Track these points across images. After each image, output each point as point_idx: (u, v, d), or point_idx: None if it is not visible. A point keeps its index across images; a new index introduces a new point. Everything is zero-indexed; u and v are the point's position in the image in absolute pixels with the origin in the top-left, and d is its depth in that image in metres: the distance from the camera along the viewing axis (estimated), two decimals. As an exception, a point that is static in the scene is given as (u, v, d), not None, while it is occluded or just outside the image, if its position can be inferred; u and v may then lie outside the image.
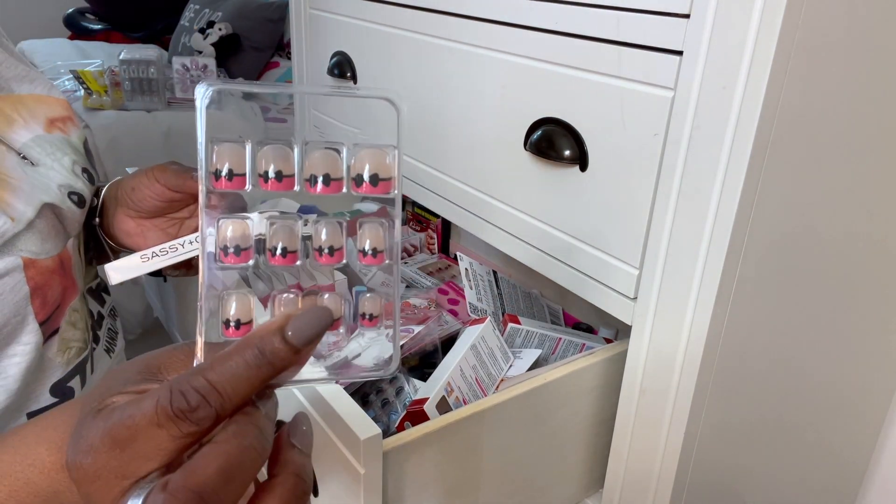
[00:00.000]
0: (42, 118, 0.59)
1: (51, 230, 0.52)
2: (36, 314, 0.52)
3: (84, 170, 0.59)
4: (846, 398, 0.72)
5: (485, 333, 0.65)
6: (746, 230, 0.49)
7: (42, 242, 0.51)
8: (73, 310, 0.57)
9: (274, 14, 2.08)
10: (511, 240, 0.68)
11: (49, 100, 0.61)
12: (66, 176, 0.56)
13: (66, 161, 0.58)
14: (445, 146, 0.75)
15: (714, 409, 0.57)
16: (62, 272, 0.54)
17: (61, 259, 0.53)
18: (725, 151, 0.47)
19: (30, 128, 0.57)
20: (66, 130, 0.61)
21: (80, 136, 0.62)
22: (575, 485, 0.67)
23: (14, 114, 0.57)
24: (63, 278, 0.54)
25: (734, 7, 0.44)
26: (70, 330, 0.57)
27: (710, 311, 0.51)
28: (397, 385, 0.67)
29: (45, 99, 0.61)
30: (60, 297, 0.54)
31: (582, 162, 0.58)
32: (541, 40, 0.59)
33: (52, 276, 0.53)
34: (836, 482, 0.81)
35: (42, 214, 0.51)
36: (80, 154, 0.61)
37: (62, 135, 0.60)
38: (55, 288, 0.53)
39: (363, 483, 0.45)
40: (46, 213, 0.52)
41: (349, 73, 0.88)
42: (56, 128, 0.60)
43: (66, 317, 0.56)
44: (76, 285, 0.56)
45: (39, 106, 0.60)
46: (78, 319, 0.58)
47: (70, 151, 0.59)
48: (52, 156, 0.57)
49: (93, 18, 2.63)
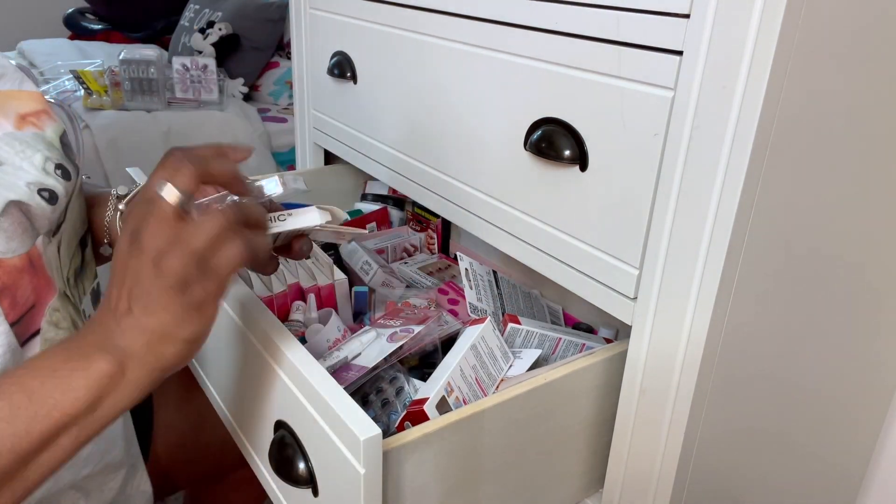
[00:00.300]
0: (12, 115, 0.58)
1: (17, 228, 0.51)
2: (6, 314, 0.51)
3: (58, 166, 0.58)
4: (845, 398, 0.72)
5: (485, 333, 0.65)
6: (746, 230, 0.49)
7: (7, 241, 0.51)
8: (53, 309, 0.56)
9: (274, 14, 2.08)
10: (511, 240, 0.68)
11: (20, 94, 0.60)
12: (35, 174, 0.55)
13: (38, 158, 0.56)
14: (445, 146, 0.75)
15: (714, 410, 0.57)
16: (32, 271, 0.53)
17: (30, 258, 0.53)
18: (725, 151, 0.47)
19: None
20: (39, 125, 0.60)
21: (57, 129, 0.61)
22: (575, 485, 0.67)
23: None
24: (34, 277, 0.53)
25: (734, 7, 0.44)
26: (52, 330, 0.56)
27: (710, 311, 0.51)
28: (397, 385, 0.67)
29: (15, 94, 0.60)
30: (34, 297, 0.53)
31: (582, 162, 0.58)
32: (541, 40, 0.59)
33: (20, 276, 0.52)
34: (836, 483, 0.81)
35: (7, 213, 0.51)
36: (55, 149, 0.59)
37: (35, 130, 0.59)
38: (25, 287, 0.52)
39: (363, 483, 0.45)
40: (12, 211, 0.51)
41: (349, 72, 0.88)
42: (28, 123, 0.59)
43: (46, 317, 0.55)
44: (52, 284, 0.55)
45: (9, 102, 0.59)
46: (61, 319, 0.57)
47: (43, 147, 0.58)
48: (22, 153, 0.56)
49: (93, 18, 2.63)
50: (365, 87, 0.87)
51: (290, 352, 0.52)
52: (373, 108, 0.87)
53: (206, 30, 2.03)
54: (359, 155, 0.93)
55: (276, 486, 0.59)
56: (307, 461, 0.51)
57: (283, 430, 0.54)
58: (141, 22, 2.51)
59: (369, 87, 0.86)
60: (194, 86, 1.87)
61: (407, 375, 0.69)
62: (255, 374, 0.59)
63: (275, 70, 2.14)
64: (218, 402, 0.72)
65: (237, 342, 0.62)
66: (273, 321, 0.56)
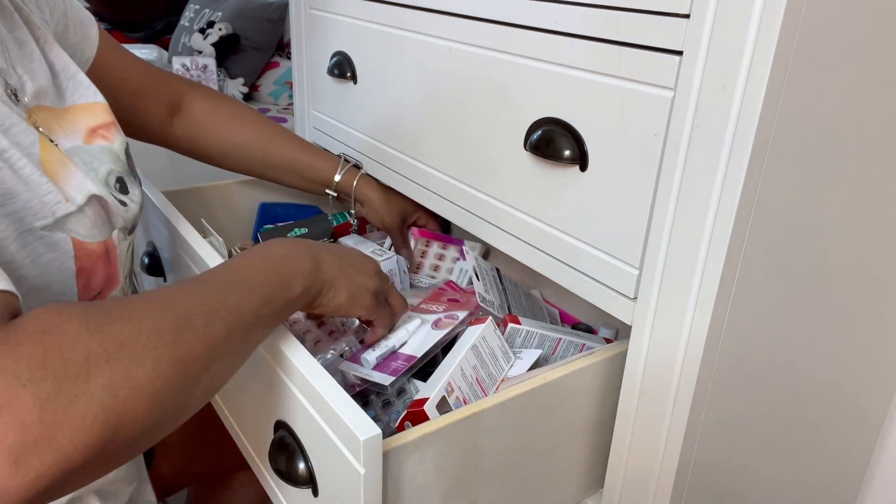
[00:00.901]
0: (83, 129, 0.60)
1: (97, 218, 0.54)
2: (79, 295, 0.53)
3: (119, 179, 0.60)
4: (846, 398, 0.72)
5: (486, 333, 0.65)
6: (746, 230, 0.49)
7: (91, 227, 0.54)
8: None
9: (274, 14, 2.07)
10: (511, 240, 0.68)
11: (94, 107, 0.62)
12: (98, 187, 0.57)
13: (102, 171, 0.59)
14: (445, 146, 0.75)
15: (714, 409, 0.57)
16: (107, 260, 0.55)
17: (106, 247, 0.55)
18: (725, 151, 0.47)
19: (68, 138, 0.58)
20: (109, 137, 0.62)
21: (123, 141, 0.64)
22: (575, 485, 0.67)
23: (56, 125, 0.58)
24: (107, 266, 0.56)
25: (734, 7, 0.44)
26: None
27: (710, 311, 0.51)
28: (397, 386, 0.67)
29: (89, 107, 0.62)
30: (103, 284, 0.56)
31: (582, 162, 0.58)
32: (541, 40, 0.59)
33: (97, 261, 0.54)
34: (837, 482, 0.81)
35: (90, 203, 0.54)
36: (120, 161, 0.62)
37: (104, 143, 0.61)
38: (99, 273, 0.55)
39: (363, 483, 0.45)
40: (94, 203, 0.54)
41: (349, 73, 0.88)
42: (98, 136, 0.61)
43: None
44: (118, 278, 0.58)
45: (83, 115, 0.61)
46: None
47: (108, 160, 0.60)
48: (88, 166, 0.58)
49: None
50: (365, 87, 0.87)
51: (291, 352, 0.52)
52: (373, 107, 0.87)
53: (206, 30, 2.03)
54: (358, 154, 0.93)
55: (276, 486, 0.59)
56: (307, 461, 0.51)
57: (283, 430, 0.54)
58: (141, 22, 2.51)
59: (369, 87, 0.86)
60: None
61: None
62: (255, 374, 0.59)
63: (275, 70, 2.14)
64: (218, 403, 0.72)
65: (237, 342, 0.62)
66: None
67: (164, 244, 0.80)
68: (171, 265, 0.80)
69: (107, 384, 0.35)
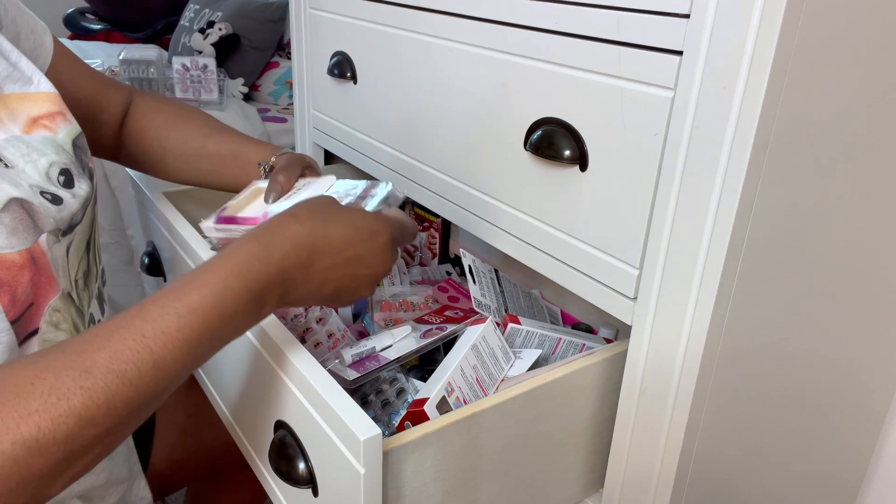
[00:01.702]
0: (23, 118, 0.58)
1: (18, 224, 0.51)
2: (6, 312, 0.51)
3: (63, 171, 0.58)
4: (846, 398, 0.72)
5: (486, 333, 0.65)
6: (746, 230, 0.49)
7: (8, 236, 0.50)
8: (53, 309, 0.55)
9: (274, 14, 2.08)
10: (511, 240, 0.68)
11: (36, 96, 0.59)
12: (37, 179, 0.55)
13: (42, 163, 0.56)
14: (445, 146, 0.75)
15: (714, 409, 0.57)
16: (33, 268, 0.53)
17: (31, 254, 0.52)
18: (725, 151, 0.47)
19: (6, 128, 0.56)
20: (52, 128, 0.59)
21: (71, 131, 0.61)
22: (575, 485, 0.67)
23: None
24: (35, 275, 0.53)
25: (734, 7, 0.44)
26: (52, 331, 0.56)
27: (710, 311, 0.51)
28: (397, 386, 0.67)
29: (30, 96, 0.59)
30: (33, 295, 0.53)
31: (582, 162, 0.58)
32: (541, 40, 0.59)
33: (20, 272, 0.51)
34: (837, 482, 0.81)
35: (8, 208, 0.51)
36: (65, 153, 0.59)
37: (47, 133, 0.58)
38: (24, 284, 0.52)
39: (363, 483, 0.45)
40: (14, 208, 0.51)
41: (349, 73, 0.88)
42: (40, 126, 0.58)
43: (45, 316, 0.55)
44: (54, 283, 0.55)
45: (21, 104, 0.58)
46: (61, 320, 0.57)
47: (51, 151, 0.57)
48: (27, 157, 0.55)
49: (93, 18, 2.63)
50: (365, 87, 0.87)
51: (291, 352, 0.52)
52: (373, 107, 0.87)
53: (206, 30, 2.03)
54: (359, 155, 0.93)
55: (276, 486, 0.59)
56: (307, 461, 0.51)
57: (283, 430, 0.54)
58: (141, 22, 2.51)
59: (369, 86, 0.86)
60: (194, 86, 1.87)
61: (407, 376, 0.69)
62: (255, 374, 0.59)
63: (275, 70, 2.14)
64: (218, 402, 0.72)
65: (237, 342, 0.62)
66: (273, 321, 0.56)
67: (164, 244, 0.80)
68: (171, 265, 0.80)
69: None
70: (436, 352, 0.76)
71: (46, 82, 0.60)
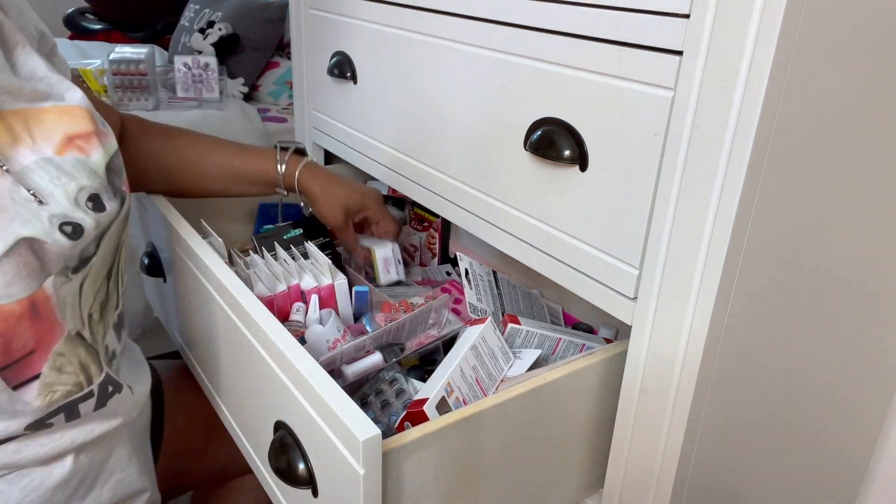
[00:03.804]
0: (57, 137, 0.55)
1: (21, 270, 0.49)
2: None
3: (92, 197, 0.55)
4: (846, 398, 0.72)
5: (485, 334, 0.65)
6: (746, 230, 0.49)
7: (6, 286, 0.48)
8: (57, 354, 0.54)
9: (274, 14, 2.07)
10: (511, 240, 0.68)
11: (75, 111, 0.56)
12: (64, 206, 0.52)
13: (72, 187, 0.53)
14: (445, 146, 0.75)
15: (714, 409, 0.57)
16: (34, 316, 0.50)
17: (32, 302, 0.50)
18: (725, 151, 0.47)
19: (37, 149, 0.53)
20: (86, 150, 0.56)
21: (107, 152, 0.57)
22: (575, 485, 0.67)
23: (23, 132, 0.53)
24: (35, 322, 0.51)
25: (734, 7, 0.44)
26: (54, 374, 0.54)
27: (710, 311, 0.51)
28: (397, 387, 0.67)
29: (70, 110, 0.56)
30: (33, 343, 0.51)
31: (582, 162, 0.58)
32: (541, 40, 0.59)
33: (17, 322, 0.49)
34: (837, 482, 0.81)
35: (13, 252, 0.48)
36: (96, 177, 0.56)
37: (79, 156, 0.55)
38: (22, 334, 0.50)
39: (362, 483, 0.45)
40: (21, 251, 0.49)
41: (349, 73, 0.88)
42: (74, 147, 0.55)
43: (48, 362, 0.53)
44: (58, 328, 0.53)
45: (61, 120, 0.55)
46: (65, 363, 0.55)
47: (82, 176, 0.54)
48: (56, 180, 0.53)
49: (93, 18, 2.63)
50: (365, 87, 0.87)
51: (290, 352, 0.52)
52: (372, 108, 0.87)
53: (206, 30, 2.03)
54: (358, 155, 0.93)
55: (276, 487, 0.59)
56: (307, 462, 0.51)
57: (282, 431, 0.54)
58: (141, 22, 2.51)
59: (369, 86, 0.86)
60: (196, 85, 1.87)
61: (406, 376, 0.69)
62: (255, 375, 0.59)
63: (275, 70, 2.14)
64: (218, 403, 0.72)
65: (237, 343, 0.62)
66: (273, 322, 0.56)
67: (164, 245, 0.80)
68: (170, 266, 0.80)
69: None
70: (436, 352, 0.76)
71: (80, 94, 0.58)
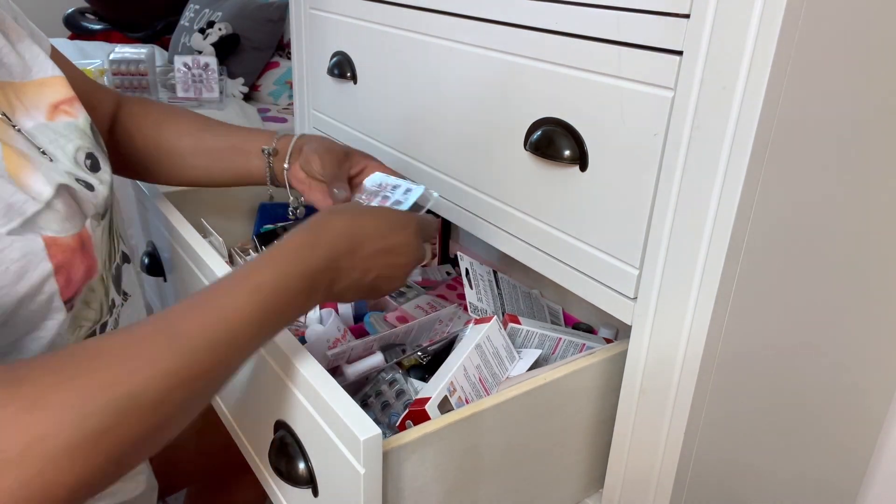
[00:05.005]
0: (45, 105, 0.58)
1: (68, 210, 0.53)
2: (61, 292, 0.52)
3: (89, 155, 0.59)
4: (846, 397, 0.72)
5: (490, 333, 0.65)
6: (746, 230, 0.49)
7: (62, 221, 0.52)
8: (89, 289, 0.57)
9: (274, 14, 2.07)
10: (511, 240, 0.68)
11: (53, 81, 0.60)
12: (68, 165, 0.56)
13: (70, 148, 0.57)
14: (445, 146, 0.75)
15: (714, 409, 0.57)
16: (83, 251, 0.54)
17: (81, 238, 0.54)
18: (725, 151, 0.47)
19: (31, 116, 0.56)
20: (72, 113, 0.60)
21: (87, 117, 0.62)
22: (575, 485, 0.67)
23: (15, 101, 0.56)
24: (84, 257, 0.54)
25: (734, 7, 0.44)
26: (84, 309, 0.57)
27: (710, 311, 0.51)
28: (397, 387, 0.67)
29: (48, 82, 0.60)
30: (84, 277, 0.55)
31: (582, 162, 0.58)
32: (541, 40, 0.59)
33: (73, 255, 0.53)
34: (837, 482, 0.81)
35: (59, 194, 0.52)
36: (87, 137, 0.60)
37: (69, 119, 0.59)
38: (78, 267, 0.54)
39: (363, 483, 0.45)
40: (63, 194, 0.53)
41: (349, 73, 0.88)
42: (62, 112, 0.59)
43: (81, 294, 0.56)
44: (96, 265, 0.57)
45: (42, 91, 0.59)
46: (93, 299, 0.58)
47: (76, 137, 0.58)
48: (55, 143, 0.56)
49: (93, 18, 2.63)
50: (365, 87, 0.87)
51: (291, 352, 0.52)
52: (373, 108, 0.87)
53: (206, 30, 2.03)
54: (359, 155, 0.93)
55: (276, 486, 0.59)
56: (307, 461, 0.51)
57: (283, 430, 0.54)
58: (141, 22, 2.51)
59: (369, 86, 0.86)
60: (196, 85, 1.87)
61: (406, 377, 0.68)
62: (255, 375, 0.59)
63: (275, 70, 2.14)
64: (218, 403, 0.72)
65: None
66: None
67: (164, 244, 0.80)
68: (170, 265, 0.81)
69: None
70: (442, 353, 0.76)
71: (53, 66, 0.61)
